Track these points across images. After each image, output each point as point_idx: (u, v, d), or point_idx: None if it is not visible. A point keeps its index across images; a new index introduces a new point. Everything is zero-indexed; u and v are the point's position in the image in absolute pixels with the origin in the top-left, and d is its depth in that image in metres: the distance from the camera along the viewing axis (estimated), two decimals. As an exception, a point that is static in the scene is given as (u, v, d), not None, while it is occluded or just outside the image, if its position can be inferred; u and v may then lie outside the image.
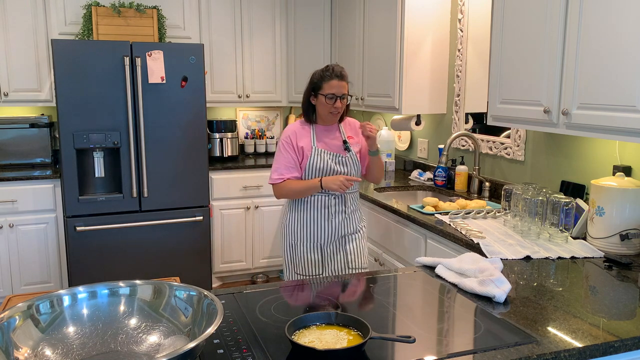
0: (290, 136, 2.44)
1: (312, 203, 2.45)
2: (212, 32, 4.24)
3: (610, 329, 1.35)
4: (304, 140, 2.43)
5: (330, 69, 2.37)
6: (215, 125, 4.33)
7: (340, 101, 2.37)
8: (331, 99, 2.36)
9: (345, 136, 2.48)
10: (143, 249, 3.71)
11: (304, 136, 2.44)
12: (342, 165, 2.43)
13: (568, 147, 2.53)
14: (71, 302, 1.27)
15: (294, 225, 2.49)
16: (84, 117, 3.47)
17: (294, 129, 2.47)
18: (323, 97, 2.36)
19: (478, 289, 1.56)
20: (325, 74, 2.37)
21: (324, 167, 2.40)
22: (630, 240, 1.96)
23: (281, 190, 2.43)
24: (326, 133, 2.47)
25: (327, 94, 2.35)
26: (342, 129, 2.50)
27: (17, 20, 3.77)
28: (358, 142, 2.52)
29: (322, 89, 2.37)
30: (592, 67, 1.93)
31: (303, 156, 2.42)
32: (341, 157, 2.43)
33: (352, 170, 2.45)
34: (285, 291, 1.61)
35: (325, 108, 2.39)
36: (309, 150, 2.41)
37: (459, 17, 3.28)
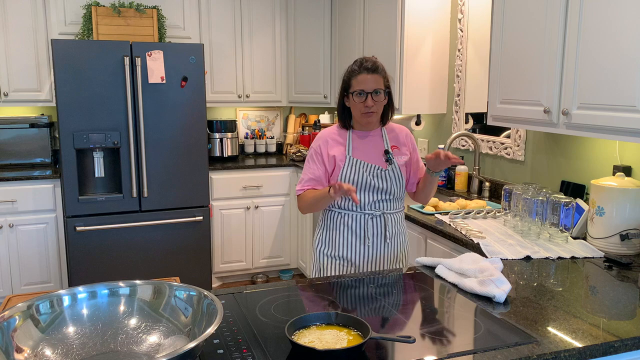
0: (320, 145, 2.10)
1: (345, 222, 2.08)
2: (212, 32, 4.24)
3: (610, 329, 1.35)
4: (337, 148, 2.08)
5: (358, 62, 2.03)
6: (215, 125, 4.33)
7: (372, 98, 1.99)
8: (360, 95, 1.99)
9: (388, 144, 2.10)
10: (143, 249, 3.71)
11: (337, 143, 2.09)
12: (381, 180, 2.04)
13: (568, 147, 2.53)
14: (71, 302, 1.27)
15: (324, 247, 2.14)
16: (84, 117, 3.47)
17: (326, 134, 2.13)
18: (353, 97, 2.02)
19: (478, 289, 1.55)
20: (353, 69, 2.03)
21: (359, 180, 2.03)
22: (630, 240, 1.96)
23: (301, 202, 2.10)
24: (365, 140, 2.09)
25: (355, 90, 2.00)
26: (385, 136, 2.11)
27: (17, 20, 3.77)
28: (405, 153, 2.12)
29: (351, 87, 2.02)
30: (592, 67, 1.93)
31: (335, 166, 2.06)
32: (381, 170, 2.04)
33: (394, 187, 2.06)
34: (285, 291, 1.61)
35: (357, 108, 2.02)
36: (342, 159, 2.05)
37: (459, 17, 3.28)
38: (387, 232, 2.07)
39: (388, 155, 2.07)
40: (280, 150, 4.89)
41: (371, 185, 2.03)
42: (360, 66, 2.01)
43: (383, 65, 2.04)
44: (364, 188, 2.04)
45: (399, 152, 2.11)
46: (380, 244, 2.08)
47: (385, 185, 2.04)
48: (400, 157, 2.10)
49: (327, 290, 1.62)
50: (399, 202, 2.12)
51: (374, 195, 2.05)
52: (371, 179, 2.03)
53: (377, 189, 2.04)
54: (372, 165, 2.04)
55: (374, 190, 2.04)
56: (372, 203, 2.06)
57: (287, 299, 1.55)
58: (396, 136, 2.13)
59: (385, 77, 2.03)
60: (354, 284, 1.68)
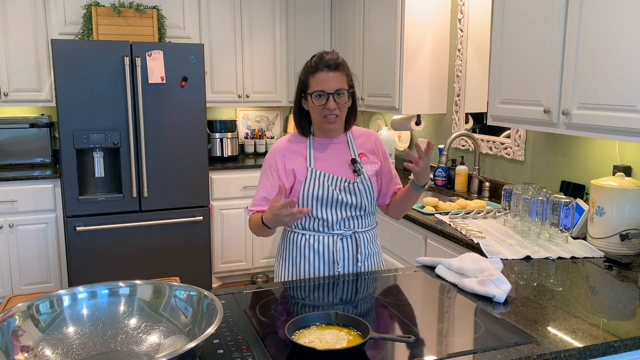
0: (276, 158, 1.81)
1: (310, 245, 1.80)
2: (212, 32, 4.24)
3: (610, 329, 1.35)
4: (296, 160, 1.79)
5: (317, 58, 1.73)
6: (215, 125, 4.33)
7: (334, 100, 1.71)
8: (320, 97, 1.71)
9: (355, 152, 1.83)
10: (143, 249, 3.71)
11: (295, 154, 1.80)
12: (349, 194, 1.77)
13: (568, 147, 2.53)
14: (71, 302, 1.27)
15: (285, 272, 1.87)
16: (84, 117, 3.47)
17: (283, 145, 1.84)
18: (311, 98, 1.74)
19: (478, 289, 1.55)
20: (311, 65, 1.74)
21: (323, 195, 1.75)
22: (630, 240, 1.96)
23: (250, 226, 1.81)
24: (328, 149, 1.82)
25: (314, 91, 1.71)
26: (351, 142, 1.85)
27: (17, 20, 3.77)
28: (375, 161, 1.86)
29: (309, 87, 1.74)
30: (592, 67, 1.93)
31: (295, 181, 1.78)
32: (348, 183, 1.78)
33: (364, 201, 1.79)
34: (286, 291, 1.61)
35: (316, 112, 1.74)
36: (303, 172, 1.77)
37: (459, 17, 3.28)
38: (359, 253, 1.81)
39: (356, 164, 1.79)
40: (280, 150, 4.88)
41: (338, 200, 1.76)
42: (320, 62, 1.72)
43: (345, 61, 1.77)
44: (331, 204, 1.76)
45: (367, 161, 1.84)
46: (351, 268, 1.82)
47: (355, 200, 1.77)
48: (369, 165, 1.83)
49: (326, 290, 1.62)
50: (371, 218, 1.86)
51: (343, 212, 1.78)
52: (338, 193, 1.76)
53: (346, 204, 1.77)
54: (338, 178, 1.77)
55: (342, 206, 1.77)
56: (341, 221, 1.79)
57: (287, 299, 1.55)
58: (364, 142, 1.87)
59: (348, 74, 1.76)
60: (354, 283, 1.67)
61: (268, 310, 1.45)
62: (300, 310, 1.48)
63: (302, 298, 1.57)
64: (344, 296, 1.58)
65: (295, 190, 1.79)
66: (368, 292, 1.61)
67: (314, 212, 1.78)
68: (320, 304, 1.52)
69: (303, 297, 1.58)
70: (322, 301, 1.54)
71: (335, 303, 1.52)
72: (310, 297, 1.58)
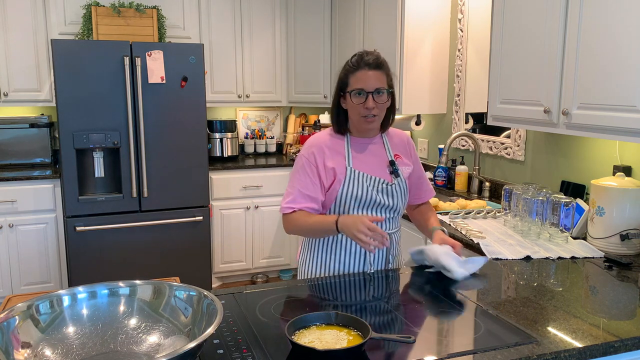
0: (315, 152, 1.76)
1: (343, 245, 1.79)
2: (212, 32, 4.24)
3: (610, 329, 1.35)
4: (335, 158, 1.76)
5: (358, 56, 1.73)
6: (215, 125, 4.33)
7: (373, 99, 1.69)
8: (359, 95, 1.69)
9: (391, 154, 1.82)
10: (143, 249, 3.71)
11: (335, 152, 1.77)
12: (387, 196, 1.76)
13: (568, 147, 2.53)
14: (71, 302, 1.27)
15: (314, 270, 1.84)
16: (83, 117, 3.47)
17: (320, 141, 1.79)
18: (350, 97, 1.72)
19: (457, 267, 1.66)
20: (352, 64, 1.73)
21: (362, 196, 1.74)
22: (631, 240, 1.96)
23: (290, 225, 1.76)
24: (366, 149, 1.80)
25: (354, 89, 1.70)
26: (387, 144, 1.83)
27: (17, 20, 3.77)
28: (409, 163, 1.86)
29: (349, 85, 1.73)
30: (592, 67, 1.93)
31: (335, 179, 1.75)
32: (386, 184, 1.77)
33: (399, 203, 1.78)
34: (285, 291, 1.61)
35: (355, 111, 1.73)
36: (343, 172, 1.74)
37: (459, 17, 3.28)
38: (390, 254, 1.83)
39: (394, 167, 1.79)
40: (280, 150, 4.89)
41: (376, 201, 1.76)
42: (360, 61, 1.71)
43: (386, 61, 1.77)
44: (367, 205, 1.76)
45: (402, 162, 1.84)
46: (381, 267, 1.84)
47: (391, 202, 1.78)
48: (403, 167, 1.83)
49: (327, 290, 1.62)
50: (399, 219, 1.89)
51: (378, 213, 1.79)
52: (376, 194, 1.75)
53: (382, 205, 1.77)
54: (376, 179, 1.76)
55: (379, 207, 1.77)
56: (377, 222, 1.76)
57: (287, 299, 1.55)
58: (398, 144, 1.87)
59: (389, 74, 1.75)
60: (354, 283, 1.67)
61: (268, 310, 1.45)
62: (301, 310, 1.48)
63: (303, 298, 1.57)
64: (344, 296, 1.58)
65: (333, 189, 1.76)
66: (368, 292, 1.61)
67: (351, 212, 1.77)
68: (320, 303, 1.52)
69: (303, 297, 1.58)
70: (322, 301, 1.54)
71: (335, 303, 1.52)
72: (311, 297, 1.58)
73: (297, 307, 1.49)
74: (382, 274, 1.76)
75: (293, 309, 1.48)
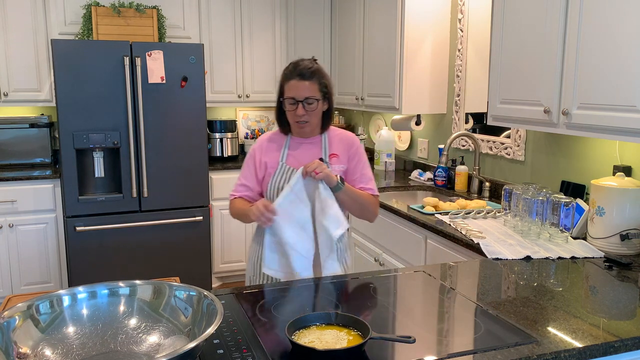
0: (255, 148, 2.01)
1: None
2: (212, 32, 4.24)
3: (610, 329, 1.35)
4: (272, 154, 1.97)
5: (292, 66, 1.88)
6: (215, 125, 4.33)
7: (304, 107, 1.85)
8: (292, 104, 1.87)
9: (327, 153, 1.96)
10: (143, 249, 3.71)
11: (272, 149, 1.97)
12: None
13: (568, 147, 2.53)
14: (71, 302, 1.27)
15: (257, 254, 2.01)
16: (84, 117, 3.47)
17: (264, 138, 2.03)
18: (284, 103, 1.90)
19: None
20: (286, 73, 1.88)
21: None
22: (631, 240, 1.96)
23: (231, 210, 2.02)
24: (302, 147, 1.97)
25: (286, 97, 1.88)
26: (325, 143, 1.97)
27: (17, 20, 3.77)
28: (344, 163, 1.97)
29: (284, 93, 1.89)
30: (592, 67, 1.93)
31: (265, 173, 1.96)
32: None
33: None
34: (286, 291, 1.61)
35: (289, 115, 1.91)
36: (274, 166, 1.94)
37: (459, 17, 3.28)
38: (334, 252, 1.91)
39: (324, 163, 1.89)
40: (280, 150, 4.88)
41: None
42: (294, 70, 1.85)
43: (321, 69, 1.90)
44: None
45: (336, 161, 1.95)
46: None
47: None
48: (337, 166, 1.94)
49: (327, 290, 1.62)
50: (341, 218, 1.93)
51: None
52: None
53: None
54: None
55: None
56: None
57: (287, 299, 1.55)
58: (337, 144, 1.98)
59: (322, 82, 1.88)
60: (354, 283, 1.67)
61: (268, 311, 1.45)
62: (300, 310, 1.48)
63: (303, 298, 1.57)
64: (343, 296, 1.58)
65: (265, 182, 1.97)
66: (368, 292, 1.61)
67: None
68: (320, 304, 1.52)
69: (303, 297, 1.58)
70: (322, 301, 1.54)
71: (335, 303, 1.52)
72: (311, 297, 1.58)
73: (297, 307, 1.49)
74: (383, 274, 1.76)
75: (293, 309, 1.48)
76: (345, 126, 4.81)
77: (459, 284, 1.66)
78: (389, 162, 3.88)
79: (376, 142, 4.02)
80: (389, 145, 3.94)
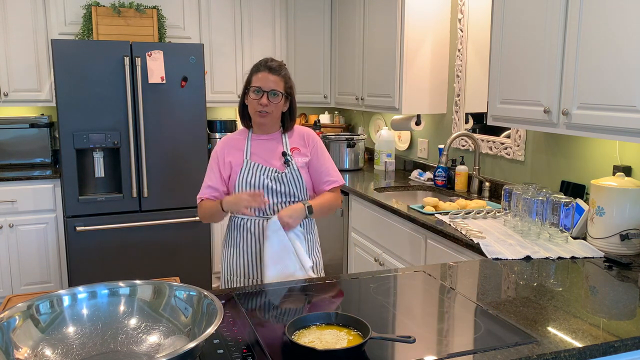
0: (217, 150, 2.09)
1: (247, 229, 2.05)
2: (212, 32, 4.24)
3: (610, 329, 1.35)
4: (235, 153, 2.06)
5: (263, 60, 2.01)
6: (215, 125, 4.33)
7: (268, 98, 1.96)
8: (257, 93, 1.96)
9: (287, 147, 2.07)
10: (143, 249, 3.71)
11: (236, 148, 2.07)
12: (278, 182, 2.01)
13: (568, 147, 2.53)
14: (71, 302, 1.27)
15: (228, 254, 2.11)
16: (84, 117, 3.47)
17: (227, 140, 2.12)
18: (249, 92, 1.99)
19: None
20: (256, 65, 2.01)
21: (255, 183, 2.00)
22: (630, 240, 1.96)
23: (199, 212, 2.11)
24: (265, 144, 2.08)
25: (252, 87, 1.98)
26: (285, 140, 2.09)
27: (17, 20, 3.77)
28: (306, 154, 2.09)
29: (251, 83, 2.00)
30: (592, 66, 1.93)
31: (231, 171, 2.05)
32: (278, 173, 2.02)
33: (293, 189, 2.02)
34: (285, 291, 1.61)
35: (252, 106, 2.00)
36: (240, 164, 2.04)
37: (459, 17, 3.28)
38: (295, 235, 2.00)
39: (285, 157, 2.04)
40: (280, 150, 4.88)
41: (269, 188, 2.01)
42: (265, 64, 1.98)
43: (288, 72, 2.05)
44: (263, 191, 2.00)
45: (299, 154, 2.08)
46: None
47: (284, 188, 2.02)
48: (299, 158, 2.07)
49: (326, 290, 1.62)
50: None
51: (274, 197, 2.03)
52: (269, 181, 2.00)
53: (276, 191, 2.01)
54: (269, 168, 2.02)
55: (273, 192, 2.02)
56: (273, 205, 2.03)
57: (287, 299, 1.55)
58: (296, 139, 2.11)
59: (287, 82, 2.02)
60: (354, 283, 1.68)
61: (268, 310, 1.45)
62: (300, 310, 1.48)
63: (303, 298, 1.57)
64: (343, 296, 1.58)
65: (232, 180, 2.04)
66: (368, 292, 1.61)
67: None
68: (320, 304, 1.52)
69: (303, 297, 1.58)
70: (322, 301, 1.54)
71: (335, 303, 1.52)
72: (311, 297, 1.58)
73: (297, 307, 1.49)
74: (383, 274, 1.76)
75: (293, 309, 1.48)
76: (345, 126, 4.81)
77: (459, 284, 1.67)
78: (389, 162, 3.88)
79: (376, 142, 4.02)
80: (389, 145, 3.94)
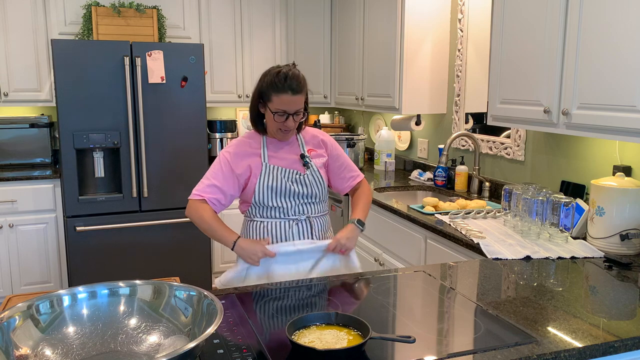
0: (230, 151, 1.98)
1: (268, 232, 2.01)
2: (212, 32, 4.24)
3: (610, 329, 1.35)
4: (251, 158, 1.97)
5: (282, 78, 1.86)
6: (215, 125, 4.33)
7: (293, 119, 1.90)
8: (281, 116, 1.89)
9: (305, 148, 2.03)
10: (143, 249, 3.71)
11: (250, 154, 1.98)
12: (300, 185, 1.97)
13: (568, 147, 2.53)
14: (71, 302, 1.27)
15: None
16: (84, 117, 3.47)
17: (237, 143, 2.01)
18: (271, 113, 1.89)
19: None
20: (277, 84, 1.87)
21: (278, 187, 1.94)
22: (630, 240, 1.96)
23: (192, 211, 1.95)
24: (281, 145, 2.01)
25: (276, 110, 1.88)
26: (301, 140, 2.04)
27: (17, 20, 3.77)
28: (323, 154, 2.07)
29: (271, 102, 1.89)
30: (592, 67, 1.93)
31: (251, 174, 1.96)
32: (299, 175, 1.97)
33: (315, 190, 1.98)
34: (286, 291, 1.61)
35: (273, 125, 1.93)
36: (259, 167, 1.95)
37: (459, 17, 3.28)
38: (314, 236, 2.01)
39: (304, 159, 1.99)
40: (280, 150, 4.88)
41: (291, 190, 1.95)
42: (284, 83, 1.85)
43: (304, 76, 1.93)
44: (284, 194, 1.96)
45: (316, 155, 2.04)
46: None
47: (306, 190, 1.98)
48: (317, 159, 2.03)
49: (326, 290, 1.62)
50: (322, 205, 2.06)
51: (296, 199, 1.98)
52: (290, 184, 1.95)
53: (298, 193, 1.97)
54: (289, 171, 1.97)
55: (295, 195, 1.97)
56: (295, 207, 1.99)
57: (287, 299, 1.55)
58: (310, 140, 2.07)
59: (306, 92, 1.93)
60: (354, 283, 1.68)
61: (268, 310, 1.45)
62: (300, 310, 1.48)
63: (302, 298, 1.57)
64: (343, 296, 1.58)
65: (251, 184, 1.96)
66: (368, 292, 1.61)
67: (270, 202, 1.97)
68: (320, 304, 1.52)
69: (303, 297, 1.58)
70: (322, 301, 1.54)
71: (335, 303, 1.52)
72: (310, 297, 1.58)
73: (297, 307, 1.49)
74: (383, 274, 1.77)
75: (293, 309, 1.48)
76: (345, 126, 4.81)
77: (459, 284, 1.67)
78: (389, 162, 3.88)
79: (376, 142, 4.02)
80: (389, 145, 3.94)
